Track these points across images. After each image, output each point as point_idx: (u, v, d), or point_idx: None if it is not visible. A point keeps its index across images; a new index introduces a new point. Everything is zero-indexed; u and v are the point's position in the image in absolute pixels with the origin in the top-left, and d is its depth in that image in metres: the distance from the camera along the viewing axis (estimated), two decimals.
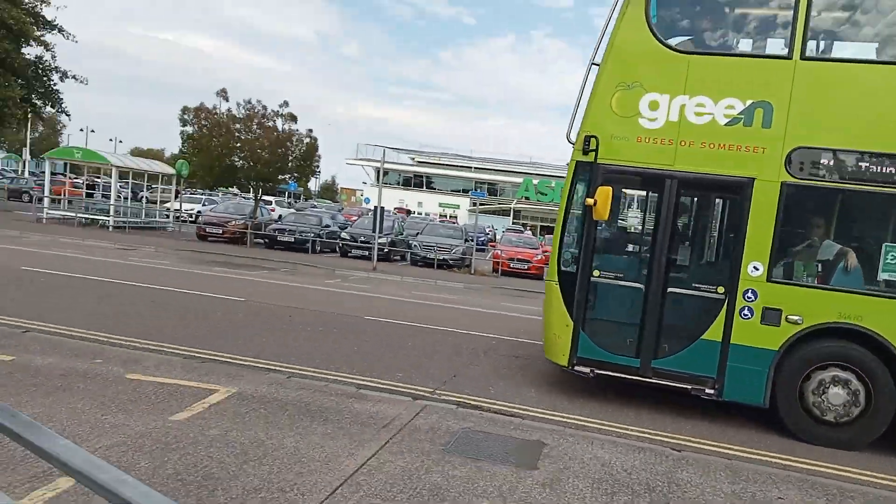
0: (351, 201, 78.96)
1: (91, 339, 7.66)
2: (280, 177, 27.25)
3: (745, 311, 6.63)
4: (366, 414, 5.98)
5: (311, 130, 26.72)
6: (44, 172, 28.52)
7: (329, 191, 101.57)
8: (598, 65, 7.09)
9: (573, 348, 7.12)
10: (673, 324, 7.01)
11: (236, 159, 25.06)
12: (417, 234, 26.48)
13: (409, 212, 54.65)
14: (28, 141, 61.74)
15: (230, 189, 42.28)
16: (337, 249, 24.84)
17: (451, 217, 60.47)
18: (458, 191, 73.46)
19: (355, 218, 33.26)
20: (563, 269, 7.26)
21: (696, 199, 7.98)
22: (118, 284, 12.10)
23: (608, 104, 6.97)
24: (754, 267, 6.62)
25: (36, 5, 26.85)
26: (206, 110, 25.12)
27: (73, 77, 28.63)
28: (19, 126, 35.03)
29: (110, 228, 24.59)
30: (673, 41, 7.08)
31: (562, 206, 7.26)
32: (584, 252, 7.11)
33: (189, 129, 25.60)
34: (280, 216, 32.35)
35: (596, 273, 7.17)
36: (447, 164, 77.96)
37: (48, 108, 30.46)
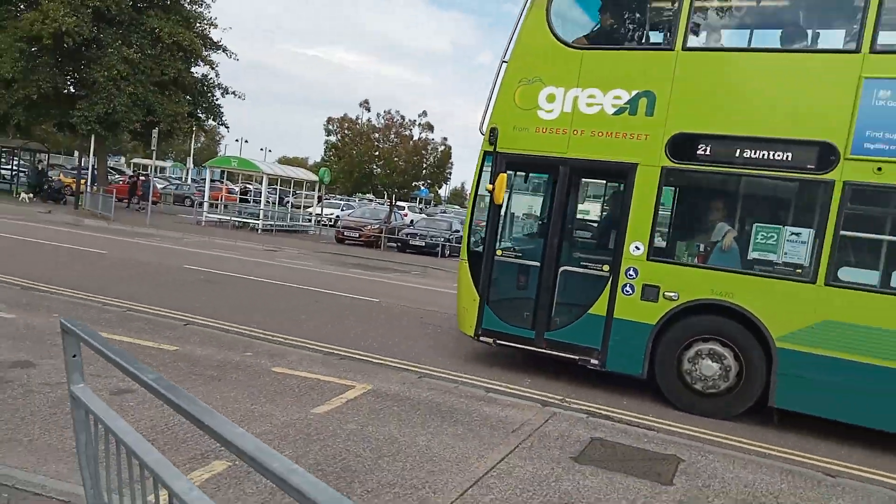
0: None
1: (242, 333, 8.28)
2: (414, 183, 28.07)
3: (627, 288, 7.07)
4: (495, 417, 6.01)
5: (445, 139, 27.36)
6: (204, 179, 31.25)
7: (458, 196, 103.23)
8: (507, 62, 7.60)
9: (479, 321, 7.74)
10: (564, 299, 7.52)
11: (374, 167, 26.13)
12: None
13: None
14: (192, 151, 68.01)
15: (366, 195, 44.09)
16: None
17: None
18: None
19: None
20: (471, 249, 7.96)
21: (586, 183, 8.46)
22: (265, 283, 13.00)
23: (512, 98, 7.50)
24: (636, 247, 7.01)
25: (205, 28, 29.55)
26: (349, 121, 26.43)
27: (233, 93, 31.21)
28: (185, 138, 38.64)
29: (259, 231, 26.47)
30: (570, 38, 7.50)
31: (471, 193, 8.03)
32: (489, 234, 7.77)
33: (332, 138, 27.04)
34: (412, 221, 33.30)
35: (499, 253, 7.81)
36: None
37: (210, 122, 33.36)
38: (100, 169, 30.20)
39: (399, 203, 34.17)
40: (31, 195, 27.64)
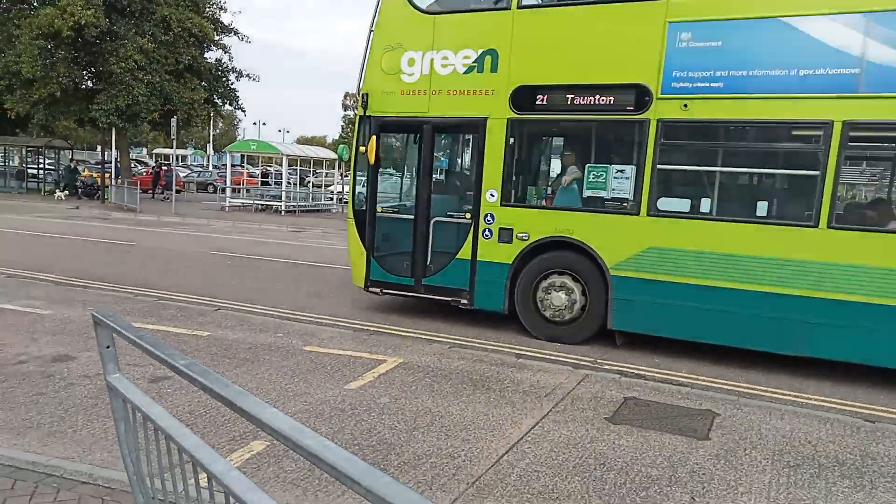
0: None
1: (273, 315, 8.39)
2: None
3: (486, 233, 7.83)
4: (527, 383, 6.03)
5: None
6: (225, 165, 31.46)
7: None
8: (373, 31, 8.18)
9: (367, 273, 8.58)
10: (437, 247, 8.24)
11: None
12: None
13: None
14: (210, 137, 68.42)
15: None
16: None
17: None
18: None
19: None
20: (356, 208, 8.73)
21: (447, 139, 8.99)
22: (293, 265, 13.12)
23: (379, 64, 8.15)
24: (490, 194, 7.73)
25: (215, 12, 29.45)
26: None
27: (247, 75, 31.17)
28: (203, 125, 38.84)
29: (282, 212, 26.64)
30: (424, 4, 8.05)
31: (352, 157, 8.74)
32: (369, 193, 8.51)
33: (350, 113, 26.93)
34: None
35: (379, 210, 8.57)
36: None
37: (227, 107, 33.45)
38: (122, 161, 30.55)
39: None
40: (66, 193, 28.07)
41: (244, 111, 35.59)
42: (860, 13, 6.19)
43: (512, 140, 7.64)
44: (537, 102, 7.47)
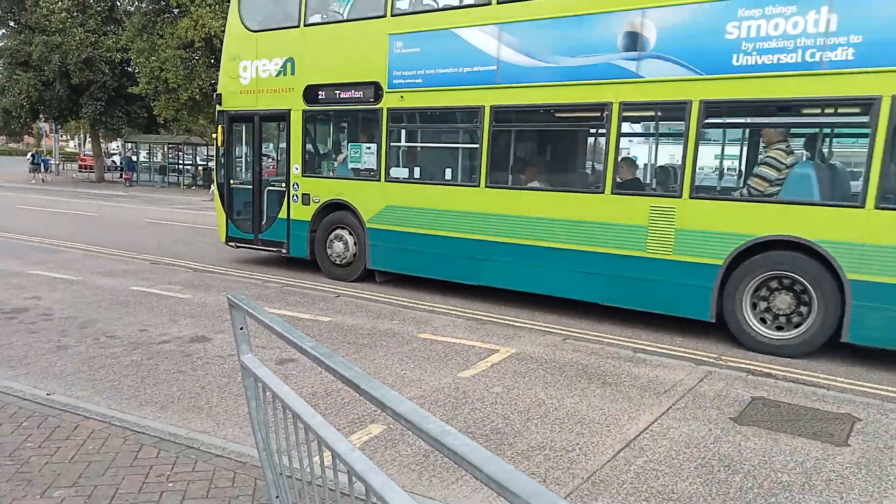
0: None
1: (389, 302, 8.61)
2: None
3: (294, 197, 10.19)
4: (645, 378, 5.83)
5: None
6: None
7: None
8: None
9: (227, 231, 11.20)
10: (268, 210, 10.64)
11: None
12: None
13: None
14: None
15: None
16: None
17: None
18: None
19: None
20: (218, 181, 11.39)
21: (271, 126, 11.20)
22: None
23: (227, 71, 10.78)
24: (295, 168, 10.09)
25: None
26: None
27: None
28: None
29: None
30: (252, 25, 10.44)
31: (216, 143, 11.07)
32: (225, 168, 11.17)
33: None
34: None
35: (231, 182, 11.15)
36: None
37: None
38: None
39: None
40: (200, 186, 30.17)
41: None
42: (496, 25, 8.06)
43: (305, 126, 10.03)
44: (319, 97, 9.74)
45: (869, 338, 6.39)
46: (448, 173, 9.38)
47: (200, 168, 34.35)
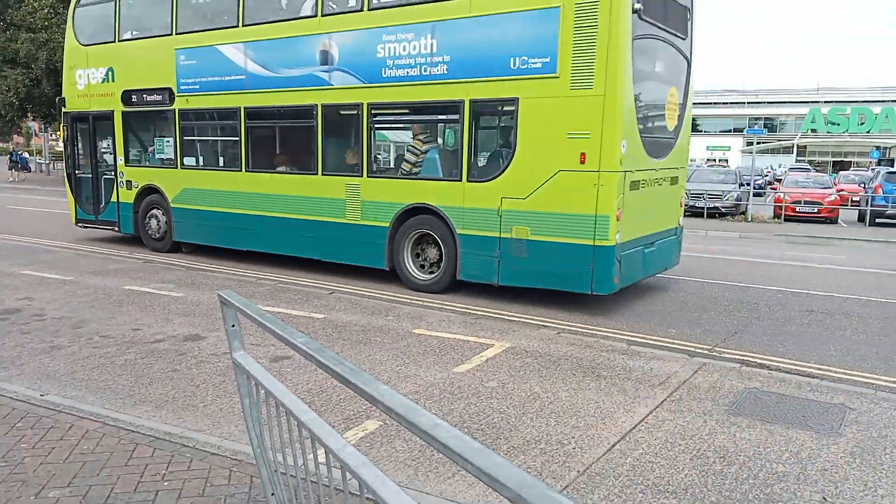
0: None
1: (383, 298, 8.59)
2: None
3: (121, 184, 12.33)
4: (639, 370, 5.85)
5: None
6: None
7: None
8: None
9: (76, 214, 13.41)
10: (104, 195, 12.86)
11: None
12: None
13: None
14: None
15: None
16: None
17: (720, 161, 55.74)
18: (729, 131, 67.28)
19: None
20: (68, 171, 13.44)
21: (104, 124, 12.58)
22: None
23: (67, 78, 12.72)
24: (121, 159, 12.23)
25: None
26: None
27: None
28: None
29: None
30: (83, 40, 12.38)
31: (62, 140, 13.66)
32: (72, 161, 13.24)
33: None
34: None
35: (77, 172, 13.27)
36: (715, 103, 71.50)
37: None
38: None
39: None
40: None
41: None
42: (243, 42, 10.13)
43: (125, 124, 12.13)
44: (133, 100, 11.77)
45: (472, 276, 8.59)
46: (222, 161, 11.40)
47: None
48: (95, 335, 6.67)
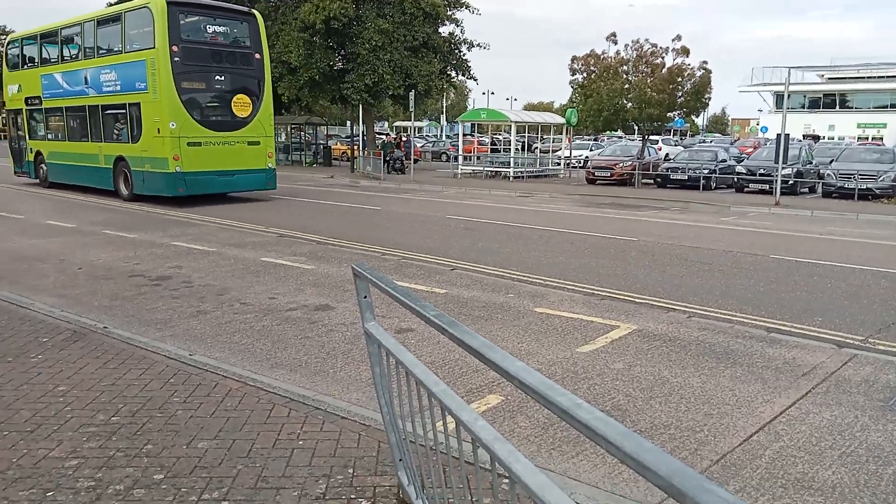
0: (744, 133, 72.12)
1: (504, 276, 8.58)
2: (669, 114, 26.31)
3: (28, 150, 21.07)
4: (780, 360, 5.45)
5: (705, 63, 24.99)
6: (457, 134, 32.68)
7: (718, 123, 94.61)
8: None
9: (13, 169, 22.40)
10: (23, 157, 21.58)
11: (625, 102, 24.98)
12: (831, 161, 22.86)
13: (816, 137, 47.68)
14: (444, 108, 71.73)
15: (615, 132, 42.50)
16: (732, 185, 23.03)
17: (874, 139, 50.67)
18: (884, 107, 60.91)
19: (750, 150, 30.59)
20: (9, 144, 23.02)
21: (19, 117, 20.99)
22: (519, 228, 13.30)
23: (7, 91, 21.49)
24: (25, 135, 21.00)
25: None
26: (594, 56, 25.53)
27: (478, 45, 31.98)
28: (438, 96, 40.77)
29: (511, 178, 27.12)
30: (8, 68, 21.54)
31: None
32: (8, 138, 23.29)
33: (578, 77, 26.37)
34: (667, 155, 31.38)
35: (12, 144, 22.48)
36: (868, 77, 64.75)
37: (460, 77, 34.68)
38: (368, 135, 33.27)
39: (652, 137, 32.39)
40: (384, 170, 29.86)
41: (476, 80, 36.68)
42: (61, 72, 18.75)
43: (27, 115, 20.39)
44: (28, 102, 20.07)
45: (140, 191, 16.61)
46: (62, 135, 19.44)
47: (321, 147, 35.68)
48: (236, 302, 7.14)
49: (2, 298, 6.76)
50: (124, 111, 16.37)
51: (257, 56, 17.14)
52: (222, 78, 16.41)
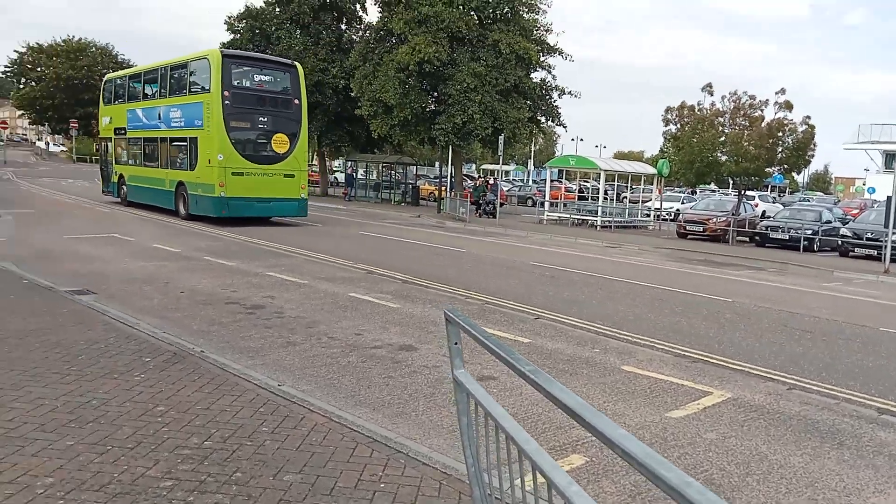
0: (849, 192, 68.40)
1: (589, 329, 8.39)
2: (767, 169, 25.37)
3: (114, 172, 24.80)
4: (894, 445, 5.02)
5: (808, 118, 24.04)
6: (543, 180, 32.65)
7: (820, 181, 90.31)
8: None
9: (102, 188, 26.39)
10: (109, 178, 25.76)
11: (719, 154, 24.34)
12: None
13: None
14: (532, 153, 72.06)
15: (709, 185, 41.31)
16: (836, 248, 21.78)
17: None
18: None
19: (856, 212, 28.95)
20: (99, 166, 27.87)
21: (108, 144, 25.50)
22: (606, 280, 13.03)
23: (102, 122, 26.06)
24: (112, 160, 25.04)
25: (542, 35, 31.07)
26: (688, 108, 25.11)
27: (569, 93, 32.14)
28: (525, 141, 41.06)
29: (598, 227, 26.75)
30: (104, 102, 25.88)
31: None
32: (100, 162, 27.43)
33: (671, 128, 25.96)
34: (764, 212, 30.15)
35: (102, 167, 26.51)
36: None
37: (549, 123, 34.85)
38: (456, 176, 33.82)
39: (748, 192, 31.26)
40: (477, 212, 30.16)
41: (565, 127, 36.77)
42: (159, 107, 21.56)
43: (115, 144, 24.31)
44: (116, 132, 23.99)
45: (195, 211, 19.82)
46: (140, 161, 22.78)
47: (410, 186, 36.50)
48: (324, 336, 7.31)
49: (113, 317, 7.20)
50: (185, 143, 19.58)
51: (296, 101, 19.89)
52: (265, 119, 19.22)
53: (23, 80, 70.37)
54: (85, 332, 6.44)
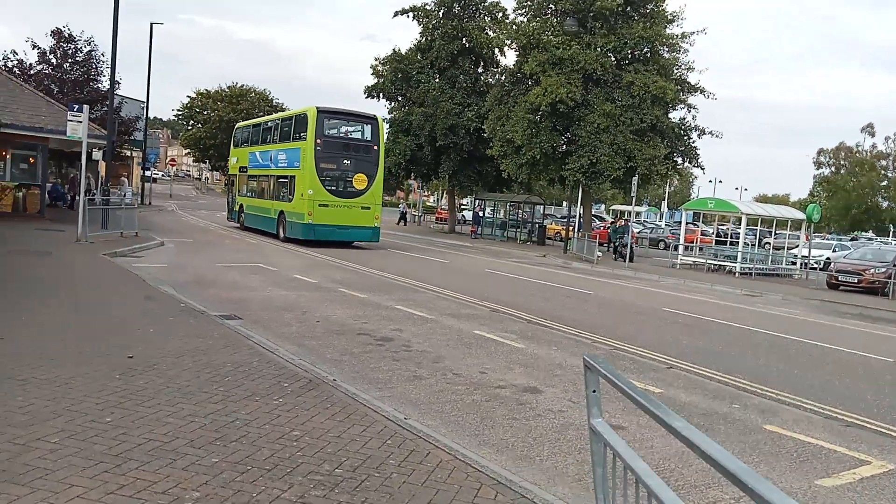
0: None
1: (727, 383, 7.87)
2: None
3: (236, 203, 30.42)
4: None
5: None
6: (677, 222, 31.35)
7: None
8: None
9: (227, 217, 32.15)
10: (233, 208, 31.64)
11: (880, 199, 22.35)
12: None
13: None
14: (666, 194, 69.67)
15: (865, 233, 37.83)
16: None
17: None
18: None
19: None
20: (226, 199, 34.25)
21: (234, 180, 31.71)
22: (748, 331, 12.20)
23: (231, 161, 33.00)
24: (236, 193, 30.77)
25: (683, 73, 30.20)
26: (845, 149, 23.34)
27: (710, 133, 30.89)
28: (660, 182, 39.80)
29: (737, 274, 25.22)
30: (233, 145, 32.39)
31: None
32: (227, 196, 33.98)
33: (825, 171, 24.18)
34: None
35: (228, 199, 32.72)
36: None
37: (686, 164, 33.61)
38: (585, 216, 33.33)
39: None
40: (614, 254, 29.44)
41: (703, 169, 35.28)
42: (258, 150, 28.09)
43: (238, 180, 30.07)
44: (240, 170, 29.78)
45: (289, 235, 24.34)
46: (258, 194, 27.55)
47: (537, 226, 36.41)
48: (449, 372, 7.38)
49: (256, 342, 7.70)
50: (287, 180, 24.21)
51: (375, 147, 23.73)
52: (348, 162, 23.15)
53: (191, 122, 77.92)
54: (231, 355, 6.92)
